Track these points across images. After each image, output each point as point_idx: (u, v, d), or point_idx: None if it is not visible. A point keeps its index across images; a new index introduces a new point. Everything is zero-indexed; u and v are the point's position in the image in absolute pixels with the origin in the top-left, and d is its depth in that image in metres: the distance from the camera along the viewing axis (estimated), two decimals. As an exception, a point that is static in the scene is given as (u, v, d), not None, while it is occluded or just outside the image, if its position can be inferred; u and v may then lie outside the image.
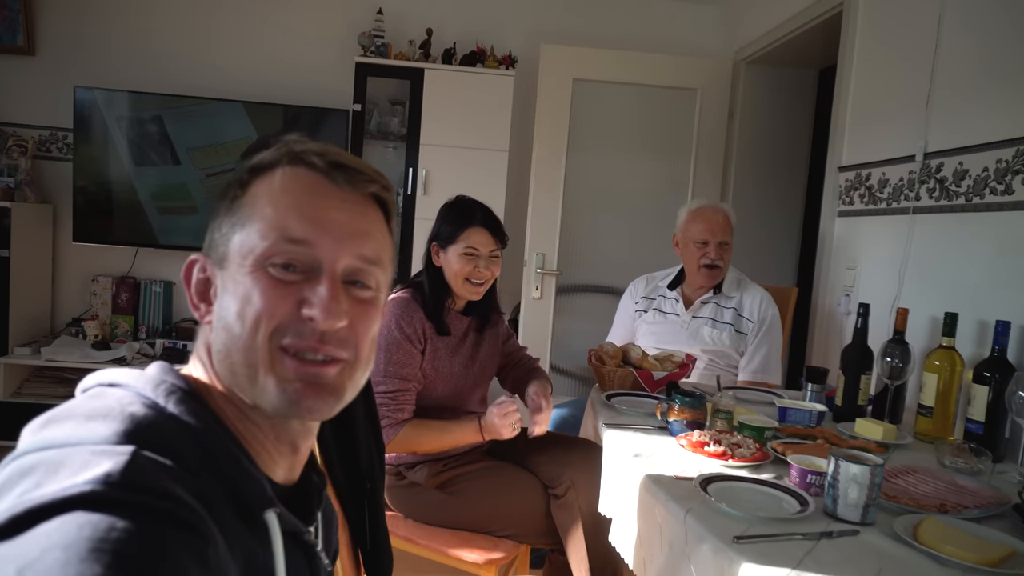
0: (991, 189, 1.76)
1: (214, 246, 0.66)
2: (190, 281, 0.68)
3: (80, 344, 3.35)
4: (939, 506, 1.16)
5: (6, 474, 0.49)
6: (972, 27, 1.88)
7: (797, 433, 1.54)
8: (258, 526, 0.59)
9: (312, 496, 0.71)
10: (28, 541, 0.43)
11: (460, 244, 1.74)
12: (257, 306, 0.62)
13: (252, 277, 0.63)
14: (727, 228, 2.31)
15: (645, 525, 1.25)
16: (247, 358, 0.62)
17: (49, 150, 3.56)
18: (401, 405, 1.69)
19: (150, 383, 0.59)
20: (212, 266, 0.66)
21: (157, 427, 0.55)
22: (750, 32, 3.32)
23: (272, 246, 0.63)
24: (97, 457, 0.49)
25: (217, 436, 0.59)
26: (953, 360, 1.65)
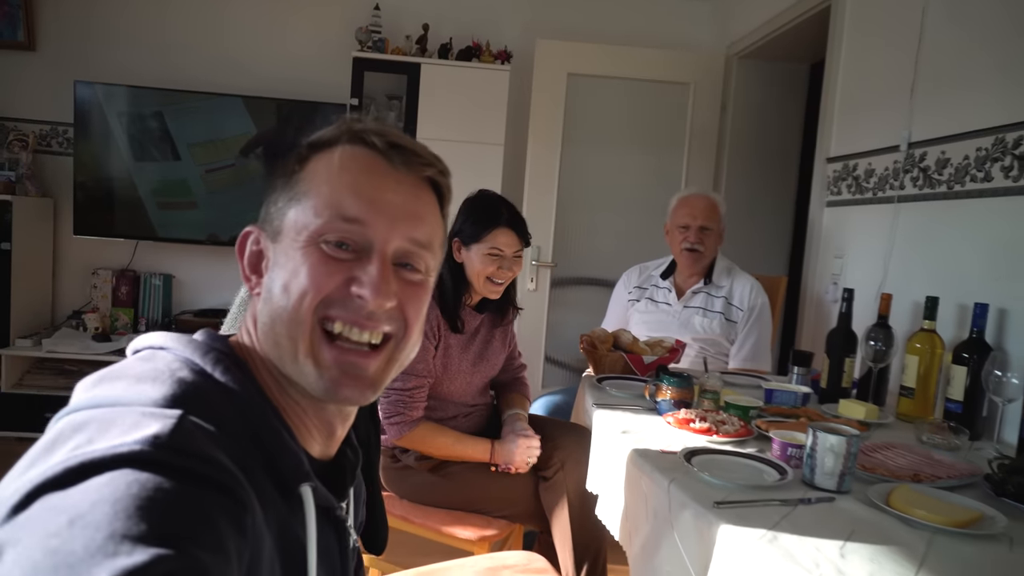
0: (971, 177, 1.80)
1: (269, 219, 0.67)
2: (243, 253, 0.69)
3: (81, 336, 3.39)
4: (913, 476, 1.21)
5: (59, 428, 0.52)
6: (954, 20, 1.93)
7: (781, 412, 1.59)
8: (293, 498, 0.61)
9: (346, 472, 0.73)
10: (79, 494, 0.45)
11: (485, 244, 1.71)
12: (305, 279, 0.63)
13: (304, 252, 0.63)
14: (710, 214, 2.35)
15: (631, 497, 1.29)
16: (290, 331, 0.63)
17: (50, 144, 3.60)
18: (416, 403, 1.70)
19: (199, 350, 0.61)
20: (266, 239, 0.67)
21: (204, 393, 0.57)
22: (742, 27, 3.37)
23: (326, 223, 0.64)
24: (146, 419, 0.51)
25: (259, 407, 0.61)
26: (934, 343, 1.70)
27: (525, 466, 1.74)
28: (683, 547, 1.07)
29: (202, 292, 3.71)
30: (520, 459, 1.73)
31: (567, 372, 3.65)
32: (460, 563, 1.40)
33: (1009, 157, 1.69)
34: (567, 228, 3.54)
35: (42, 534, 0.43)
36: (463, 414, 1.86)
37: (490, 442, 1.77)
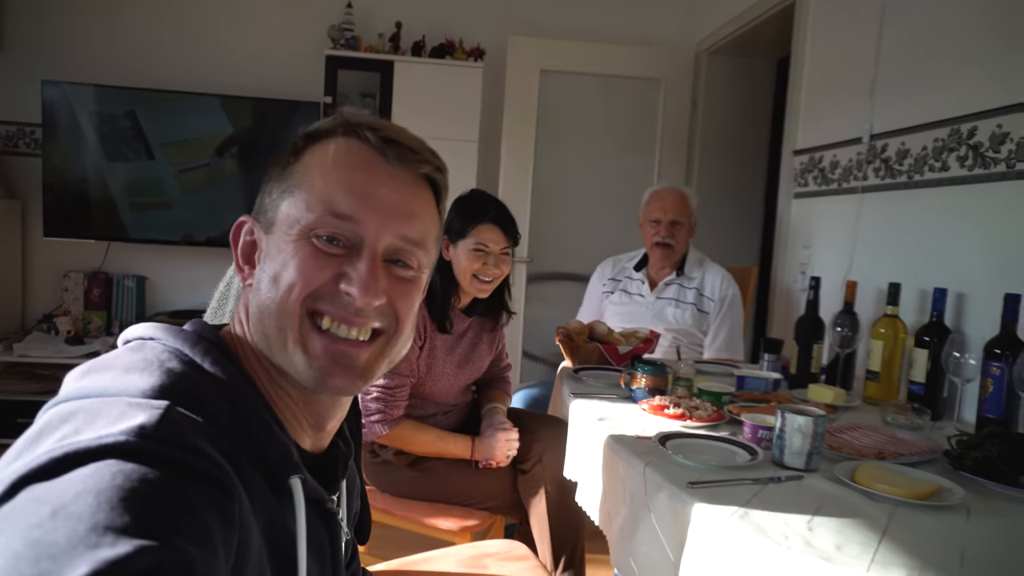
0: (929, 166, 1.87)
1: (263, 210, 0.67)
2: (237, 242, 0.69)
3: (53, 340, 3.34)
4: (877, 454, 1.26)
5: (47, 418, 0.52)
6: (912, 16, 1.99)
7: (753, 398, 1.64)
8: (282, 490, 0.61)
9: (338, 465, 0.73)
10: (63, 484, 0.45)
11: (470, 240, 1.71)
12: (294, 272, 0.63)
13: (295, 245, 0.63)
14: (680, 208, 2.39)
15: (609, 481, 1.33)
16: (279, 321, 0.64)
17: (16, 145, 3.54)
18: (398, 401, 1.71)
19: (189, 340, 0.60)
20: (259, 230, 0.68)
21: (192, 384, 0.57)
22: (710, 23, 3.43)
23: (318, 219, 0.63)
24: (133, 409, 0.51)
25: (248, 398, 0.60)
26: (896, 327, 1.76)
27: (506, 459, 1.77)
28: (659, 527, 1.11)
29: (176, 293, 3.68)
30: (500, 453, 1.75)
31: (544, 367, 3.68)
32: (444, 552, 1.42)
33: (964, 147, 1.76)
34: (542, 224, 3.57)
35: (24, 525, 0.43)
36: (442, 411, 1.87)
37: (470, 439, 1.78)
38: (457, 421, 1.91)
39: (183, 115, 3.39)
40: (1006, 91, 1.64)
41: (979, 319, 1.67)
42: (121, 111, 3.34)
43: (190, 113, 3.39)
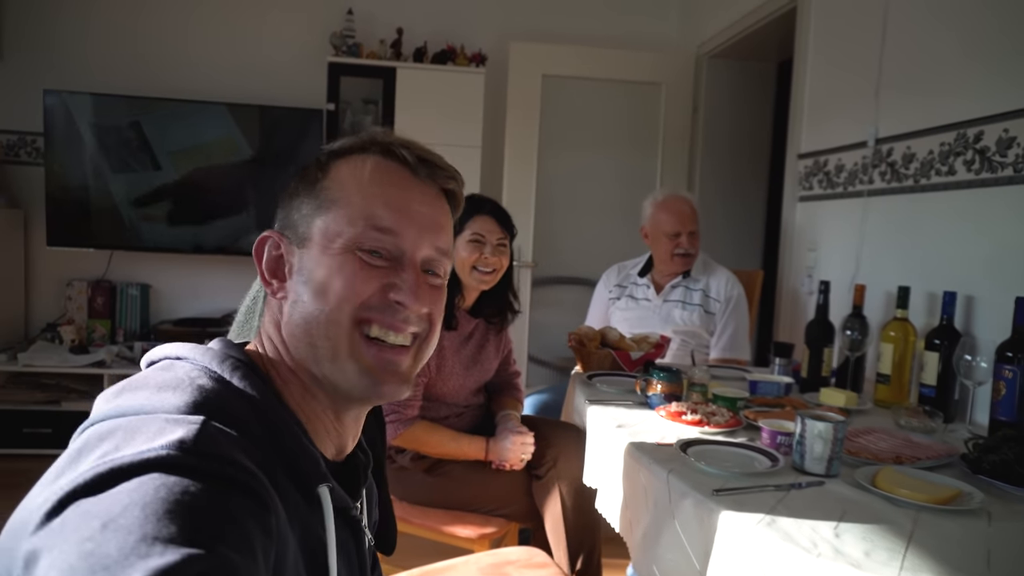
0: (936, 171, 1.89)
1: (292, 225, 0.70)
2: (261, 257, 0.71)
3: (57, 349, 3.33)
4: (895, 458, 1.28)
5: (85, 438, 0.54)
6: (915, 20, 2.02)
7: (767, 403, 1.65)
8: (312, 499, 0.63)
9: (359, 473, 0.76)
10: (110, 498, 0.47)
11: (467, 232, 1.78)
12: (344, 285, 0.66)
13: (341, 259, 0.67)
14: (695, 217, 2.42)
15: (630, 488, 1.34)
16: (328, 332, 0.67)
17: (18, 155, 3.54)
18: (412, 402, 1.73)
19: (216, 358, 0.63)
20: (288, 244, 0.70)
21: (224, 399, 0.59)
22: (710, 27, 3.45)
23: (361, 233, 0.67)
24: (171, 425, 0.53)
25: (277, 411, 0.63)
26: (906, 331, 1.78)
27: (520, 462, 1.78)
28: (684, 534, 1.12)
29: (181, 301, 3.68)
30: (514, 455, 1.77)
31: (550, 371, 3.70)
32: (464, 560, 1.43)
33: (971, 151, 1.78)
34: (546, 228, 3.59)
35: (76, 538, 0.45)
36: (455, 414, 1.88)
37: (485, 440, 1.80)
38: (469, 423, 1.92)
39: (188, 123, 3.39)
40: (1012, 96, 1.66)
41: (989, 322, 1.69)
42: (124, 120, 3.34)
43: (195, 121, 3.39)
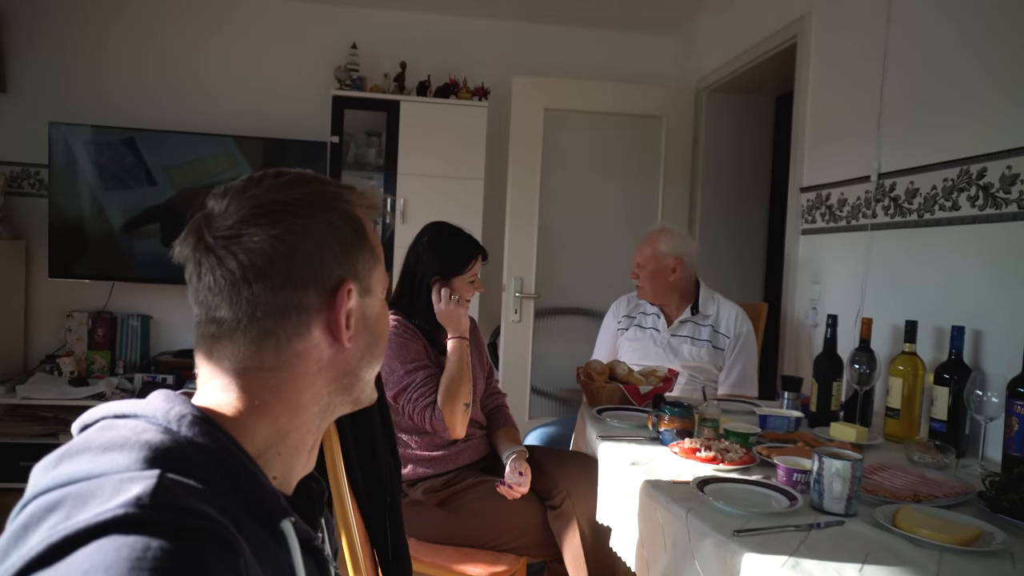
0: (940, 206, 1.92)
1: (358, 276, 0.71)
2: (343, 307, 0.70)
3: (57, 381, 3.31)
4: (913, 496, 1.27)
5: (27, 513, 0.51)
6: (915, 56, 2.06)
7: (778, 438, 1.65)
8: (276, 535, 0.62)
9: (314, 504, 0.75)
10: (68, 567, 0.44)
11: (468, 275, 1.88)
12: (386, 327, 0.77)
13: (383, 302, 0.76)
14: (643, 251, 2.48)
15: (646, 527, 1.33)
16: (374, 363, 0.75)
17: (21, 186, 3.54)
18: (434, 387, 1.79)
19: (159, 410, 0.61)
20: (358, 296, 0.72)
21: (175, 450, 0.57)
22: (710, 62, 3.51)
23: (387, 282, 0.77)
24: (126, 483, 0.51)
25: (232, 454, 0.61)
26: (915, 365, 1.78)
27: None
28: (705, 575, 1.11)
29: (181, 332, 3.66)
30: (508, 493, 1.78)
31: (553, 403, 3.68)
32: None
33: (974, 187, 1.80)
34: (549, 260, 3.60)
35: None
36: (463, 438, 1.88)
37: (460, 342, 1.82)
38: (479, 449, 1.94)
39: (192, 156, 3.41)
40: (1016, 133, 1.68)
41: (998, 357, 1.70)
42: (127, 152, 3.36)
43: (199, 153, 3.41)
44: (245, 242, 0.64)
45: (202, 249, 0.65)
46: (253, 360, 0.66)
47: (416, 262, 1.88)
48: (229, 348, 0.66)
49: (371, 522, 1.19)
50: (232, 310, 0.65)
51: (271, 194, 0.67)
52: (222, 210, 0.66)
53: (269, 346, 0.66)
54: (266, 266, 0.64)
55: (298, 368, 0.68)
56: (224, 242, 0.65)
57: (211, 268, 0.65)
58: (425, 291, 1.85)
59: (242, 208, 0.66)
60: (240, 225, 0.65)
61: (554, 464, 1.86)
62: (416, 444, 1.85)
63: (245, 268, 0.64)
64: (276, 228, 0.65)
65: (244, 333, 0.65)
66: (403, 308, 1.88)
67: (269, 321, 0.65)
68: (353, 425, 1.14)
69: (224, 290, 0.65)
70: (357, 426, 1.14)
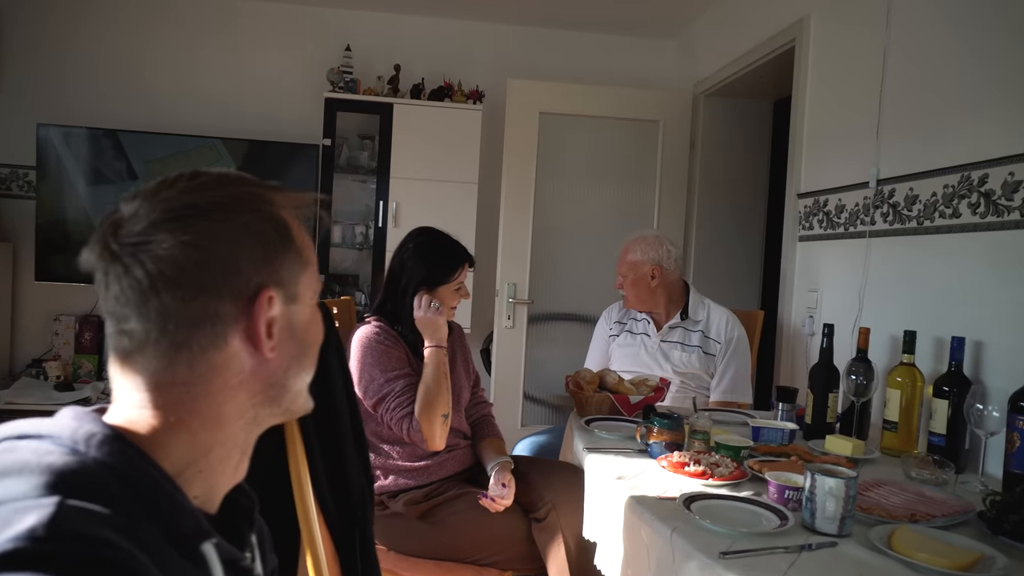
0: (940, 213, 1.86)
1: (282, 282, 0.66)
2: (262, 316, 0.65)
3: (42, 386, 3.26)
4: (910, 516, 1.22)
5: None
6: (915, 60, 2.01)
7: (771, 451, 1.59)
8: (197, 559, 0.59)
9: (241, 521, 0.71)
10: None
11: (454, 283, 1.85)
12: (318, 333, 0.72)
13: (315, 311, 0.71)
14: (623, 260, 2.46)
15: (631, 546, 1.27)
16: (308, 371, 0.71)
17: (9, 188, 3.50)
18: (404, 401, 1.74)
19: (67, 429, 0.56)
20: (282, 303, 0.66)
21: (82, 473, 0.53)
22: (707, 67, 3.46)
23: (320, 285, 0.72)
24: (19, 514, 0.47)
25: (147, 475, 0.58)
26: (914, 376, 1.73)
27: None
28: (689, 599, 1.05)
29: (170, 336, 3.60)
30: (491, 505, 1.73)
31: (547, 410, 3.62)
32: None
33: (975, 194, 1.75)
34: (543, 265, 3.55)
35: None
36: (446, 448, 1.83)
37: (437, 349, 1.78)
38: (464, 459, 1.89)
39: (182, 157, 3.36)
40: (1018, 139, 1.63)
41: (999, 369, 1.64)
42: (116, 154, 3.32)
43: (189, 155, 3.37)
44: (153, 249, 0.59)
45: (107, 257, 0.60)
46: (166, 374, 0.62)
47: (401, 268, 1.83)
48: (140, 362, 0.61)
49: (340, 539, 1.13)
50: (141, 322, 0.60)
51: (184, 197, 0.62)
52: (131, 214, 0.61)
53: (182, 359, 0.61)
54: (176, 274, 0.59)
55: (216, 381, 0.63)
56: (131, 249, 0.59)
57: (117, 277, 0.60)
58: (409, 299, 1.80)
59: (152, 212, 0.60)
60: (149, 231, 0.60)
61: (540, 475, 1.81)
62: (398, 455, 1.79)
63: (153, 277, 0.59)
64: (187, 233, 0.60)
65: (155, 346, 0.61)
66: (386, 315, 1.84)
67: (181, 333, 0.61)
68: (321, 437, 1.08)
69: (132, 301, 0.60)
70: (325, 438, 1.09)
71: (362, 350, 1.76)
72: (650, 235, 2.48)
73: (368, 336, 1.77)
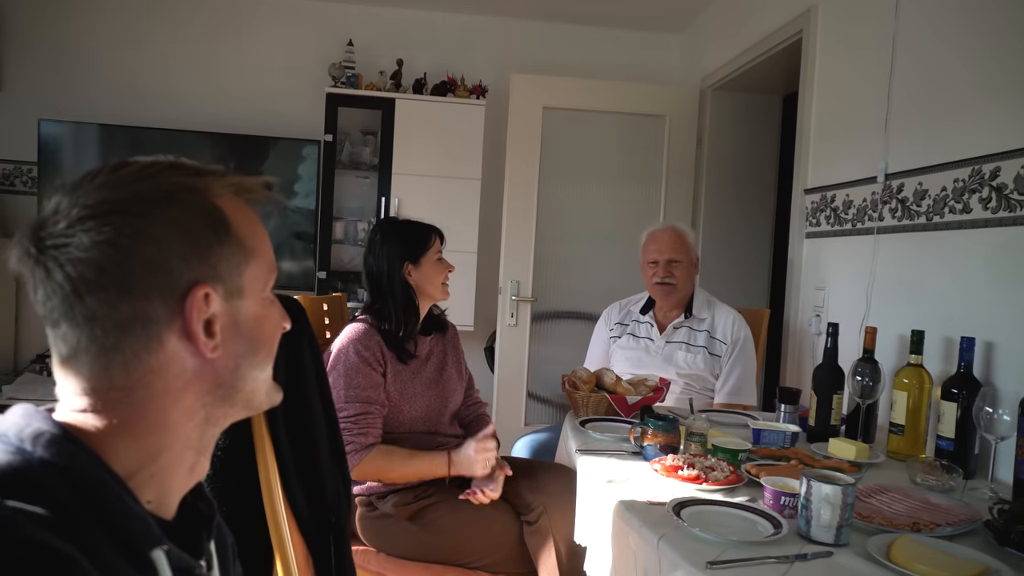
0: (950, 208, 1.79)
1: (220, 277, 0.62)
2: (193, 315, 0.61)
3: (45, 381, 3.25)
4: (912, 525, 1.16)
5: None
6: (925, 52, 1.94)
7: (771, 455, 1.54)
8: (146, 566, 0.56)
9: (200, 527, 0.68)
10: None
11: (431, 254, 1.81)
12: (273, 328, 0.68)
13: (269, 306, 0.67)
14: (676, 246, 2.33)
15: (619, 552, 1.22)
16: (260, 373, 0.67)
17: (13, 184, 3.51)
18: (364, 429, 1.67)
19: (13, 427, 0.55)
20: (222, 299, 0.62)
21: (24, 473, 0.52)
22: (714, 60, 3.39)
23: (272, 277, 0.68)
24: None
25: (96, 477, 0.56)
26: (921, 377, 1.66)
27: (483, 469, 1.70)
28: (675, 611, 1.01)
29: (172, 333, 3.60)
30: (479, 463, 1.69)
31: (550, 408, 3.58)
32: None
33: (987, 188, 1.68)
34: (546, 262, 3.50)
35: None
36: (437, 448, 1.79)
37: (447, 453, 1.73)
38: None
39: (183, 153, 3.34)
40: (1030, 131, 1.56)
41: (1011, 371, 1.58)
42: (119, 150, 3.31)
43: (190, 151, 3.35)
44: (71, 251, 0.55)
45: (28, 262, 0.57)
46: (103, 379, 0.58)
47: (378, 260, 1.80)
48: (76, 367, 0.59)
49: (314, 545, 1.09)
50: (70, 326, 0.57)
51: (102, 192, 0.58)
52: (52, 212, 0.57)
53: (116, 363, 0.58)
54: (97, 276, 0.56)
55: (157, 386, 0.60)
56: (52, 251, 0.56)
57: (41, 281, 0.57)
58: (399, 283, 1.77)
59: (71, 208, 0.57)
60: (67, 231, 0.56)
61: (533, 477, 1.76)
62: (388, 455, 1.75)
63: (74, 280, 0.56)
64: (104, 232, 0.56)
65: (86, 352, 0.58)
66: (374, 313, 1.80)
67: (111, 337, 0.57)
68: (292, 438, 1.04)
69: (57, 306, 0.57)
70: (297, 439, 1.05)
71: (337, 354, 1.72)
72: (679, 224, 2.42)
73: (350, 342, 1.72)
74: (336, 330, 1.89)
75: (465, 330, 2.48)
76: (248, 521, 1.01)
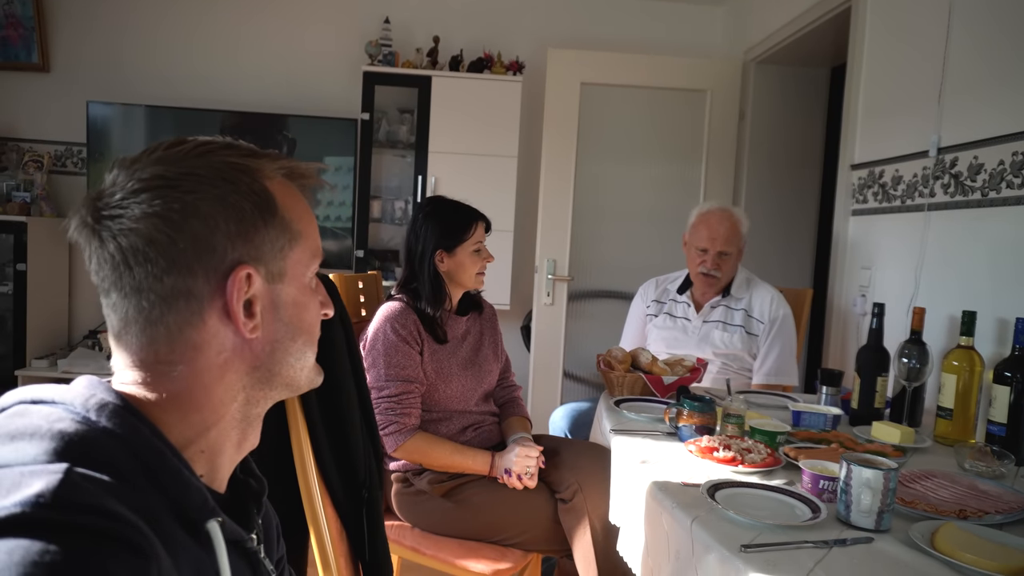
0: (1007, 183, 1.71)
1: (262, 259, 0.63)
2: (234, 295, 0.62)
3: (96, 356, 3.38)
4: (958, 512, 1.12)
5: None
6: (983, 20, 1.84)
7: (811, 437, 1.50)
8: (202, 536, 0.58)
9: (249, 503, 0.70)
10: None
11: (469, 243, 1.79)
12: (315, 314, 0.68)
13: (310, 291, 0.68)
14: (730, 238, 2.24)
15: (652, 534, 1.21)
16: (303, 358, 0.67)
17: (64, 165, 3.62)
18: (408, 409, 1.69)
19: (79, 397, 0.56)
20: (264, 281, 0.63)
21: (91, 442, 0.53)
22: (758, 32, 3.28)
23: (316, 263, 0.68)
24: (27, 478, 0.47)
25: (155, 448, 0.57)
26: (972, 360, 1.60)
27: (525, 473, 1.70)
28: (708, 593, 0.99)
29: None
30: (519, 465, 1.69)
31: (586, 387, 3.57)
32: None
33: (1049, 162, 1.60)
34: (583, 240, 3.47)
35: None
36: (472, 425, 1.82)
37: (491, 454, 1.74)
38: (488, 439, 1.85)
39: (224, 133, 3.40)
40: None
41: (1069, 354, 1.50)
42: (164, 130, 3.38)
43: (231, 130, 3.40)
44: (125, 222, 0.57)
45: (85, 231, 0.59)
46: (148, 352, 0.60)
47: (416, 240, 1.80)
48: (126, 339, 0.61)
49: (347, 518, 1.11)
50: (120, 296, 0.59)
51: (157, 167, 0.60)
52: (110, 185, 0.59)
53: (160, 337, 0.60)
54: (145, 248, 0.58)
55: (199, 362, 0.61)
56: (107, 221, 0.58)
57: (95, 250, 0.59)
58: (429, 267, 1.77)
59: (128, 182, 0.59)
60: (122, 202, 0.58)
61: (568, 455, 1.76)
62: (423, 432, 1.77)
63: (124, 251, 0.58)
64: (155, 206, 0.58)
65: (134, 323, 0.60)
66: (410, 292, 1.80)
67: (156, 310, 0.59)
68: (325, 414, 1.06)
69: (108, 275, 0.59)
70: (330, 416, 1.06)
71: (375, 333, 1.73)
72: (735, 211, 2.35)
73: (387, 320, 1.72)
74: (372, 308, 1.90)
75: (502, 309, 2.47)
76: (282, 497, 1.03)
